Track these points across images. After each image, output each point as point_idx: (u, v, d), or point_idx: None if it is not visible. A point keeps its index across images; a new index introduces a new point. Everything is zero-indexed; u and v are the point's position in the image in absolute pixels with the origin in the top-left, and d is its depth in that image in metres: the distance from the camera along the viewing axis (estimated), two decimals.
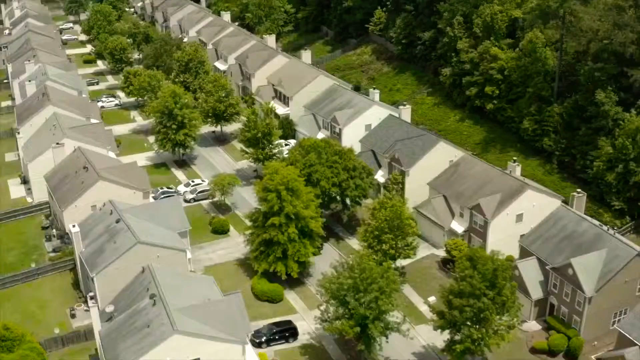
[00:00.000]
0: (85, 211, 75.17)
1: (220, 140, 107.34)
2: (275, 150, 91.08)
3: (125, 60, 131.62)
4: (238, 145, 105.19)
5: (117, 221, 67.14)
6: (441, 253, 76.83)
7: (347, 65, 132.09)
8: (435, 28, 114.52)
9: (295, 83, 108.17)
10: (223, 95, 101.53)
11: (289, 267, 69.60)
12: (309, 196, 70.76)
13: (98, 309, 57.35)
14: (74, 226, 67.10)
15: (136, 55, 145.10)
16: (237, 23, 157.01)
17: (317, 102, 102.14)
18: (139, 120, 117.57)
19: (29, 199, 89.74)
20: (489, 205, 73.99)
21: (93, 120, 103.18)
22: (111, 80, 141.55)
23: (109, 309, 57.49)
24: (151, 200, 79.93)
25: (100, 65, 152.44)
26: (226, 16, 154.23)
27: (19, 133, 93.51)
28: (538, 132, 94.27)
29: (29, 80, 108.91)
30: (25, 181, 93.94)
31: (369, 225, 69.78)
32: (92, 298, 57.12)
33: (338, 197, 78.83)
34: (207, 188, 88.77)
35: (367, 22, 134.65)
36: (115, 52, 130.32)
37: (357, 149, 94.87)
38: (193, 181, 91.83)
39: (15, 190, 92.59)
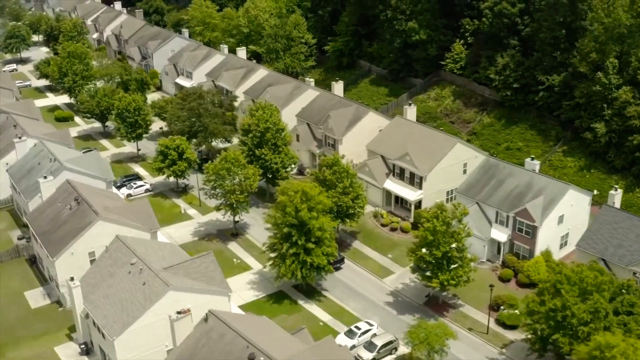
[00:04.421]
0: None
1: (342, 244, 76.99)
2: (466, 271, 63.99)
3: (141, 124, 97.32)
4: (369, 251, 76.25)
5: None
6: None
7: (427, 113, 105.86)
8: (567, 71, 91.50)
9: (422, 155, 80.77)
10: (348, 185, 72.72)
11: None
12: None
13: None
14: None
15: None
16: (253, 60, 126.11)
17: (474, 184, 75.44)
18: (193, 214, 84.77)
19: None
20: None
21: (160, 237, 70.91)
22: (110, 146, 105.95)
23: None
24: None
25: (81, 123, 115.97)
26: (241, 52, 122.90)
27: (71, 279, 58.95)
28: None
29: (45, 177, 73.71)
30: (87, 351, 60.36)
31: None
32: None
33: None
34: (392, 339, 59.87)
35: (440, 57, 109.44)
36: (128, 114, 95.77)
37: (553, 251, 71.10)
38: (358, 328, 62.06)
39: None
